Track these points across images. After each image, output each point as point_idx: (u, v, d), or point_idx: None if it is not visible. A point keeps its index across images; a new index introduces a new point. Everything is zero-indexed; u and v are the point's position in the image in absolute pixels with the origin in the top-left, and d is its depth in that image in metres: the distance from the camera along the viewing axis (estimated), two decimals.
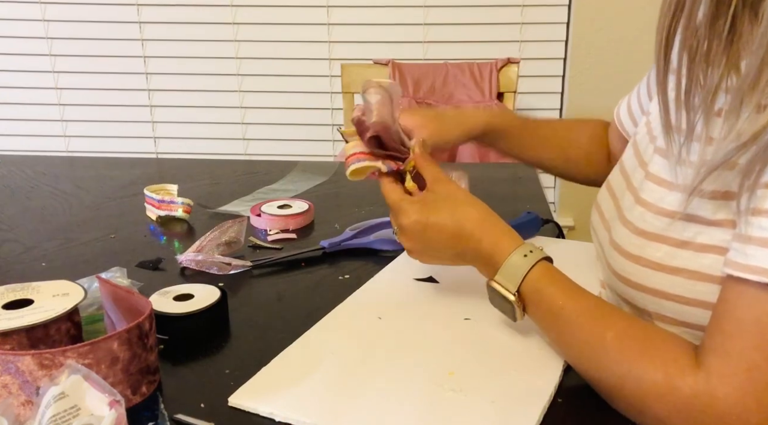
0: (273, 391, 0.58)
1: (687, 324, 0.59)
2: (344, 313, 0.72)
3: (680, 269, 0.58)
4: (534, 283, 0.62)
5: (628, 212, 0.65)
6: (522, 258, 0.62)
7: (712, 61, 0.52)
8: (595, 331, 0.56)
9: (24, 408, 0.53)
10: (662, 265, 0.59)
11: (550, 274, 0.62)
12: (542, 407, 0.55)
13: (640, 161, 0.68)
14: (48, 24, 2.16)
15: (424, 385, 0.58)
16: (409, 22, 2.10)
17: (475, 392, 0.57)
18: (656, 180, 0.62)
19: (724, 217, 0.55)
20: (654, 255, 0.60)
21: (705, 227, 0.56)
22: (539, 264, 0.62)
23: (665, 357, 0.52)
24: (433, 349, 0.64)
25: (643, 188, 0.64)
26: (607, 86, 2.07)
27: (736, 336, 0.49)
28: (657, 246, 0.60)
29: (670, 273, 0.59)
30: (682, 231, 0.58)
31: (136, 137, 2.27)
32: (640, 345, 0.54)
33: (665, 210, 0.60)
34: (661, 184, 0.61)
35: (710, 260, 0.56)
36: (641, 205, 0.63)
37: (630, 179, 0.68)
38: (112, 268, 0.77)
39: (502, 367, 0.61)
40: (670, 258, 0.59)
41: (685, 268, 0.58)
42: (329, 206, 1.07)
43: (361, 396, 0.57)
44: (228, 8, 2.11)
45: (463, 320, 0.70)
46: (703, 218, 0.56)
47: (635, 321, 0.58)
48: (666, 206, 0.60)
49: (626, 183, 0.69)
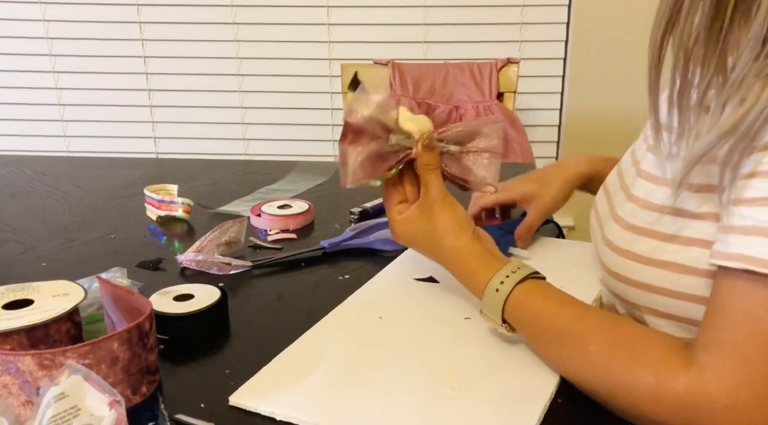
0: (274, 390, 0.58)
1: (676, 317, 0.60)
2: (345, 313, 0.72)
3: (667, 262, 0.59)
4: (512, 312, 0.62)
5: (619, 209, 0.66)
6: (496, 290, 0.62)
7: (707, 62, 0.53)
8: (578, 347, 0.57)
9: (24, 408, 0.53)
10: (650, 259, 0.60)
11: (528, 296, 0.62)
12: (542, 406, 0.55)
13: (634, 160, 0.69)
14: (48, 24, 2.16)
15: (423, 384, 0.58)
16: (409, 22, 2.10)
17: (475, 391, 0.57)
18: (646, 176, 0.64)
19: (708, 210, 0.56)
20: (642, 249, 0.61)
21: (690, 221, 0.57)
22: (516, 289, 0.62)
23: (654, 359, 0.53)
24: (433, 348, 0.64)
25: (635, 184, 0.65)
26: (607, 86, 2.07)
27: (727, 330, 0.49)
28: (645, 240, 0.61)
29: (657, 267, 0.59)
30: (669, 225, 0.59)
31: (136, 137, 2.27)
32: (626, 352, 0.54)
33: (653, 205, 0.61)
34: (650, 179, 0.63)
35: (696, 254, 0.56)
36: (632, 201, 0.64)
37: (623, 177, 0.70)
38: (112, 268, 0.77)
39: (501, 366, 0.61)
40: (658, 252, 0.59)
41: (672, 261, 0.58)
42: (329, 206, 1.07)
43: (361, 395, 0.57)
44: (228, 8, 2.11)
45: (464, 319, 0.70)
46: (688, 212, 0.57)
47: (617, 328, 0.58)
48: (654, 200, 0.61)
49: (620, 182, 0.70)
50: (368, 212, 1.01)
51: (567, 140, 2.17)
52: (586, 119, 2.13)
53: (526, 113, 2.15)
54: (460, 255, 0.67)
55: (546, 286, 0.63)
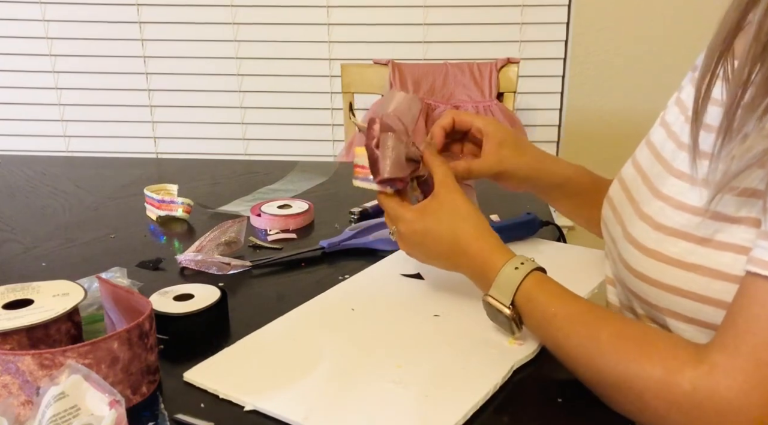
0: (226, 371, 0.61)
1: (700, 321, 0.59)
2: (320, 303, 0.74)
3: (697, 265, 0.57)
4: (526, 293, 0.63)
5: (645, 206, 0.64)
6: (513, 270, 0.64)
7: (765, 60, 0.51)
8: (590, 333, 0.57)
9: (24, 408, 0.53)
10: (679, 261, 0.58)
11: (542, 283, 0.63)
12: (471, 405, 0.56)
13: (657, 155, 0.67)
14: (48, 24, 2.16)
15: (368, 376, 0.60)
16: (409, 22, 2.10)
17: (414, 385, 0.59)
18: (678, 175, 0.61)
19: (746, 214, 0.54)
20: (671, 250, 0.59)
21: (726, 225, 0.55)
22: (531, 275, 0.63)
23: (664, 353, 0.53)
24: (392, 342, 0.66)
25: (665, 182, 0.63)
26: (607, 86, 2.07)
27: (748, 332, 0.49)
28: (675, 241, 0.59)
29: (686, 270, 0.58)
30: (703, 228, 0.57)
31: (136, 137, 2.27)
32: (637, 343, 0.54)
33: (687, 205, 0.59)
34: (682, 178, 0.61)
35: (728, 259, 0.55)
36: (661, 199, 0.62)
37: (646, 173, 0.68)
38: (112, 268, 0.77)
39: (450, 364, 0.62)
40: (688, 254, 0.58)
41: (702, 265, 0.57)
42: (329, 206, 1.07)
43: (303, 380, 0.59)
44: (228, 8, 2.11)
45: (433, 316, 0.71)
46: (725, 215, 0.55)
47: (630, 321, 0.59)
48: (688, 201, 0.59)
49: (641, 177, 0.68)
50: (368, 212, 1.01)
51: (567, 140, 2.17)
52: (586, 119, 2.13)
53: (526, 113, 2.15)
54: (485, 237, 0.67)
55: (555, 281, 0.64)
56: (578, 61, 2.06)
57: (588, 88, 2.09)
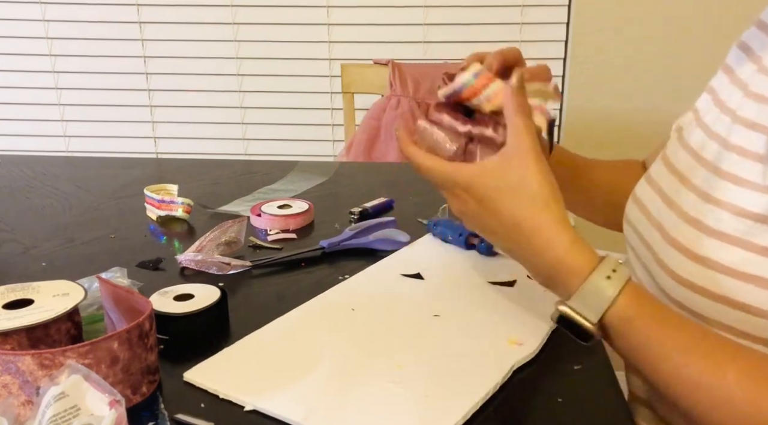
0: (227, 371, 0.61)
1: (749, 335, 0.55)
2: (320, 303, 0.74)
3: (755, 276, 0.53)
4: (621, 312, 0.53)
5: (692, 210, 0.60)
6: (605, 280, 0.53)
7: None
8: (712, 371, 0.50)
9: (24, 408, 0.53)
10: (734, 270, 0.54)
11: (640, 299, 0.54)
12: (471, 405, 0.56)
13: (697, 157, 0.63)
14: (48, 24, 2.16)
15: (367, 376, 0.60)
16: (409, 22, 2.10)
17: (414, 385, 0.59)
18: (733, 179, 0.57)
19: None
20: (727, 259, 0.55)
21: None
22: (627, 288, 0.53)
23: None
24: (392, 342, 0.66)
25: (717, 186, 0.59)
26: (607, 86, 2.07)
27: None
28: (731, 249, 0.55)
29: (744, 280, 0.54)
30: (765, 236, 0.53)
31: (136, 137, 2.27)
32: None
33: (749, 212, 0.55)
34: (739, 183, 0.57)
35: None
36: (712, 203, 0.58)
37: (684, 175, 0.64)
38: (112, 268, 0.77)
39: (449, 364, 0.62)
40: (745, 264, 0.54)
41: (761, 276, 0.53)
42: (329, 206, 1.07)
43: (304, 380, 0.59)
44: (228, 8, 2.11)
45: (432, 316, 0.71)
46: None
47: (752, 351, 0.52)
48: (751, 207, 0.55)
49: (680, 180, 0.64)
50: (368, 212, 1.01)
51: (567, 140, 2.17)
52: (586, 119, 2.13)
53: None
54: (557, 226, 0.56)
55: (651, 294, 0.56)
56: (578, 61, 2.06)
57: (588, 88, 2.09)
